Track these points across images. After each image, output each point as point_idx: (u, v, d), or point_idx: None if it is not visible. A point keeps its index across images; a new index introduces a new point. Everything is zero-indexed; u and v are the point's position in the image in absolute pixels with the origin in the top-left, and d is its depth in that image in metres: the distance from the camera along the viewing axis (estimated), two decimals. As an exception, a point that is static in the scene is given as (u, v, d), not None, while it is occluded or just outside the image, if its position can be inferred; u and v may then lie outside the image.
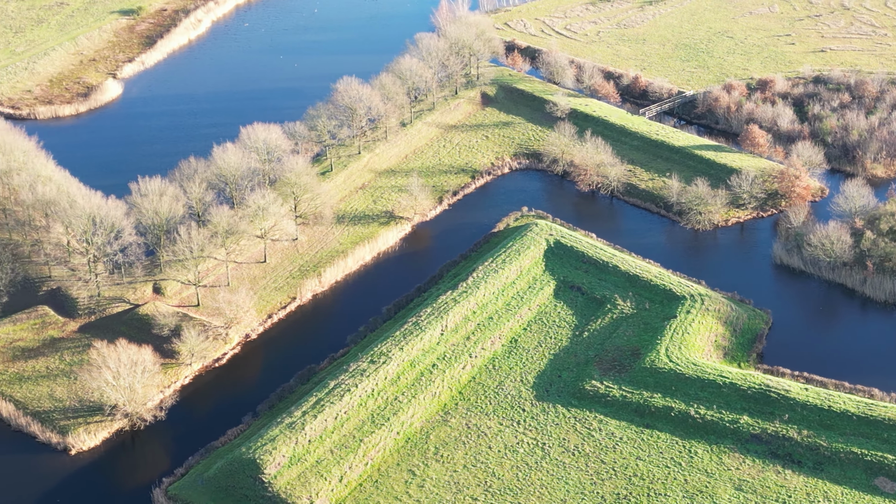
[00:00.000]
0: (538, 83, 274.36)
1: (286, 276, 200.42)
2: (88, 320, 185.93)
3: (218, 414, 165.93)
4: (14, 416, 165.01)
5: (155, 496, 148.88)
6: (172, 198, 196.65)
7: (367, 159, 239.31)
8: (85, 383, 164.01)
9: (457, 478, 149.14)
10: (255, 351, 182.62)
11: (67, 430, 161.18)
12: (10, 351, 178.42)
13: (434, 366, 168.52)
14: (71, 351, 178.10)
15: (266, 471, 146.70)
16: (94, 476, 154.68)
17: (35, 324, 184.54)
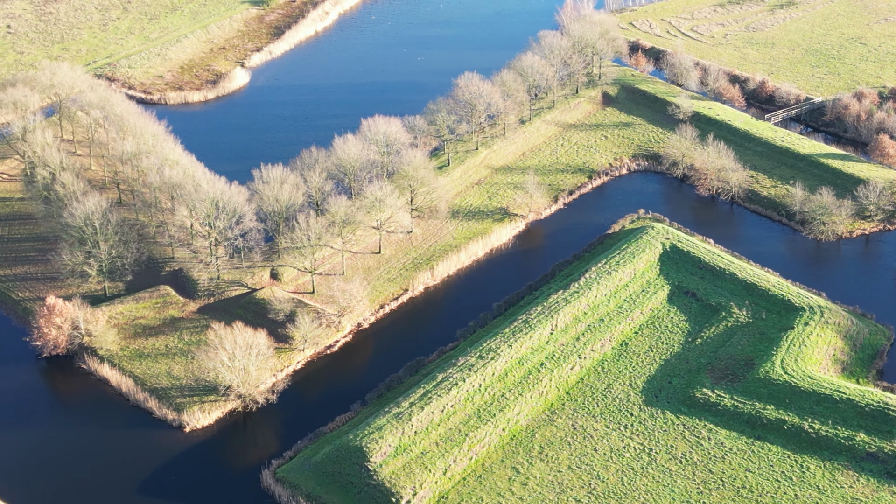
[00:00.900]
0: (661, 84, 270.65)
1: (399, 268, 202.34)
2: (207, 302, 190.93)
3: (327, 400, 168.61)
4: (133, 392, 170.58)
5: (263, 477, 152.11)
6: (293, 186, 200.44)
7: (485, 155, 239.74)
8: (201, 363, 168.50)
9: (561, 478, 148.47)
10: (366, 340, 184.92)
11: (183, 408, 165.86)
12: (131, 328, 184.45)
13: (542, 365, 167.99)
14: (189, 331, 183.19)
15: (372, 459, 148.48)
16: (206, 454, 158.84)
17: (157, 303, 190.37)
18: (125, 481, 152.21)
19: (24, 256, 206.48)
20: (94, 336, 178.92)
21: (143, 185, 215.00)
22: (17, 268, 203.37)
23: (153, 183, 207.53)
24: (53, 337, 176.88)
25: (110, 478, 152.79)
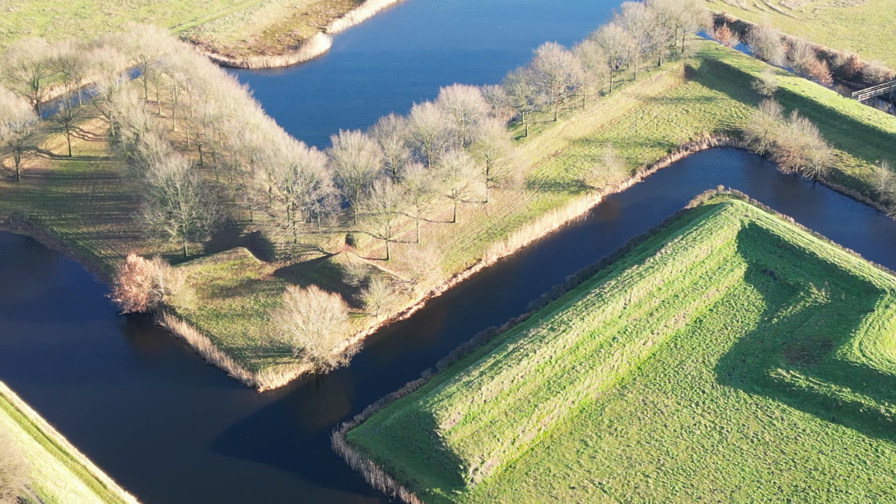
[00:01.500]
0: (745, 59, 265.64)
1: (473, 238, 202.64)
2: (283, 265, 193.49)
3: (398, 366, 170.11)
4: (209, 351, 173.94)
5: (334, 439, 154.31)
6: (370, 153, 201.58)
7: (563, 127, 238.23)
8: (276, 325, 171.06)
9: (629, 452, 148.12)
10: (438, 308, 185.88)
11: (257, 369, 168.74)
12: (209, 288, 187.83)
13: (614, 339, 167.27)
14: (265, 293, 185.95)
15: (441, 426, 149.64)
16: (278, 414, 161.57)
17: (234, 264, 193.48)
18: (200, 438, 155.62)
19: (108, 215, 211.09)
20: (172, 295, 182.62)
21: (223, 147, 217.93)
22: (100, 226, 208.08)
23: (234, 146, 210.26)
24: (134, 294, 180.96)
25: (185, 434, 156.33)
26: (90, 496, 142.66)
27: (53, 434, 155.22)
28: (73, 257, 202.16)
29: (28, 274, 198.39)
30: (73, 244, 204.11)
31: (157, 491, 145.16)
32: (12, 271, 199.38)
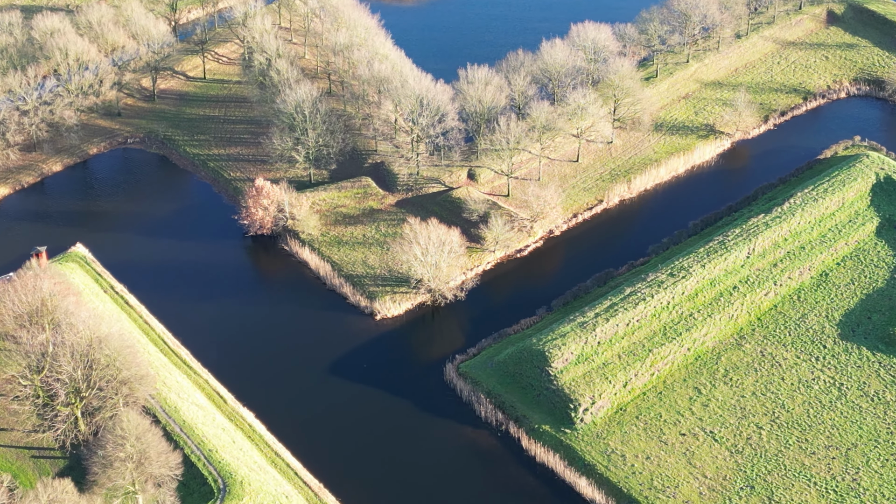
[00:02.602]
0: (893, 6, 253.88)
1: (596, 178, 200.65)
2: (405, 196, 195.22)
3: (513, 302, 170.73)
4: (329, 277, 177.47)
5: (447, 370, 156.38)
6: (496, 88, 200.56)
7: (695, 69, 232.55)
8: (396, 255, 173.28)
9: (743, 403, 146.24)
10: (556, 247, 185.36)
11: (375, 296, 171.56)
12: (333, 215, 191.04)
13: (735, 288, 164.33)
14: (386, 223, 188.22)
15: (553, 364, 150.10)
16: (394, 342, 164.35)
17: (357, 193, 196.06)
18: (317, 361, 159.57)
19: (238, 138, 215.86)
20: (297, 220, 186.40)
21: (352, 77, 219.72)
22: (230, 148, 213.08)
23: (362, 76, 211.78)
24: (260, 217, 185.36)
25: (303, 356, 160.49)
26: (210, 409, 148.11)
27: (178, 347, 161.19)
28: (204, 178, 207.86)
29: (160, 192, 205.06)
30: (204, 165, 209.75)
31: (273, 409, 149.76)
32: (146, 188, 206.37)
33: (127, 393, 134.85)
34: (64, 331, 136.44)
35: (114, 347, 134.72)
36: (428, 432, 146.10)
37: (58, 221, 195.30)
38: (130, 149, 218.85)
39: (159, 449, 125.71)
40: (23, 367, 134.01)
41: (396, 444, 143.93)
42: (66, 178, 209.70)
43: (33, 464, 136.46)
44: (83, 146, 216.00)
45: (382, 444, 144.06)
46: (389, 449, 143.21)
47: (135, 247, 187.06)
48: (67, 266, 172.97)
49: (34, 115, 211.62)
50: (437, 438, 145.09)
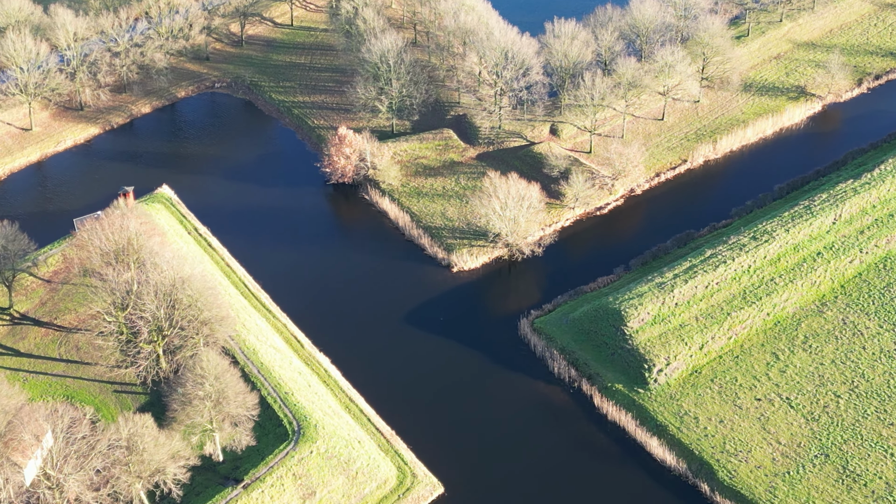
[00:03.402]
0: None
1: (681, 137, 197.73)
2: (486, 150, 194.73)
3: (591, 260, 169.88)
4: (408, 227, 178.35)
5: (521, 325, 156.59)
6: (583, 43, 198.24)
7: (788, 28, 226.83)
8: (474, 208, 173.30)
9: (822, 371, 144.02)
10: (637, 206, 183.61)
11: (452, 249, 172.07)
12: (413, 166, 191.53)
13: (819, 254, 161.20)
14: (466, 176, 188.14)
15: (629, 324, 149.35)
16: (470, 295, 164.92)
17: (439, 145, 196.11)
18: (393, 309, 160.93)
19: (322, 86, 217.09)
20: (378, 170, 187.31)
21: (438, 27, 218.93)
22: (314, 96, 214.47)
23: (448, 27, 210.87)
24: (342, 166, 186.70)
25: (379, 304, 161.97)
26: (287, 353, 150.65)
27: (258, 291, 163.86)
28: (288, 125, 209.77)
29: (245, 137, 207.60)
30: (288, 112, 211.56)
31: (349, 355, 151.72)
32: (231, 133, 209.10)
33: (207, 333, 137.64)
34: (148, 270, 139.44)
35: (196, 288, 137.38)
36: (500, 386, 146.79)
37: (145, 162, 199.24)
38: (217, 93, 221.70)
39: (237, 389, 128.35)
40: (108, 303, 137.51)
41: (468, 397, 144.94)
42: (154, 120, 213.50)
43: (115, 398, 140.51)
44: (171, 89, 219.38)
45: (454, 395, 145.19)
46: (461, 401, 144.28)
47: (218, 190, 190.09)
48: (153, 206, 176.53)
49: (125, 57, 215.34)
50: (508, 392, 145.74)
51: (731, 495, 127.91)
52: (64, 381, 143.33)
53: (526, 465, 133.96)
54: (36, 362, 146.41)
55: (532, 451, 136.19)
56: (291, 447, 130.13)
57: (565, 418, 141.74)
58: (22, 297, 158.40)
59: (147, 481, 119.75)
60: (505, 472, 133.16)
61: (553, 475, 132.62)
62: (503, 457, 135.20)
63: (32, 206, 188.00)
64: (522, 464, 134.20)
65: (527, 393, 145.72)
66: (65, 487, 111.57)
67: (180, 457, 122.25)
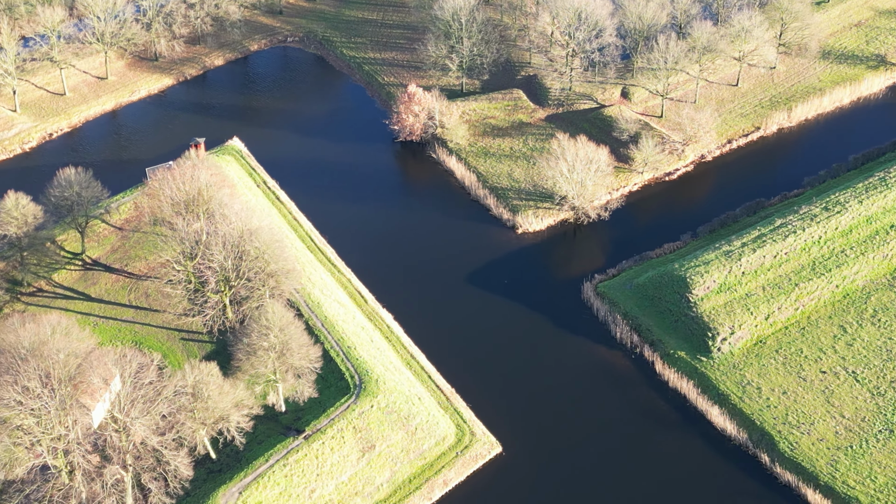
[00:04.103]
0: None
1: (755, 104, 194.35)
2: (555, 111, 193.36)
3: (657, 226, 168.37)
4: (474, 187, 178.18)
5: (585, 289, 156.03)
6: (658, 5, 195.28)
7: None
8: (541, 170, 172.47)
9: (891, 346, 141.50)
10: (706, 173, 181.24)
11: (518, 210, 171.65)
12: (482, 126, 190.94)
13: (892, 227, 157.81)
14: (535, 137, 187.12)
15: (694, 291, 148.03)
16: (534, 257, 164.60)
17: (508, 105, 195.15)
18: (456, 269, 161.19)
19: (394, 43, 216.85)
20: (446, 128, 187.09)
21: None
22: (385, 53, 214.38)
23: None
24: (410, 124, 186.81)
25: (443, 263, 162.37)
26: (351, 308, 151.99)
27: (324, 245, 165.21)
28: (358, 81, 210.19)
29: (315, 92, 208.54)
30: (359, 68, 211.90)
31: (411, 312, 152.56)
32: (302, 87, 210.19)
33: (273, 285, 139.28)
34: (217, 221, 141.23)
35: (263, 240, 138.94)
36: (561, 348, 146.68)
37: (217, 114, 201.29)
38: (289, 47, 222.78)
39: (301, 342, 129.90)
40: (177, 252, 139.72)
41: (529, 358, 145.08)
42: (226, 73, 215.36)
43: (182, 346, 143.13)
44: (244, 42, 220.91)
45: (515, 356, 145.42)
46: (522, 362, 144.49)
47: (288, 144, 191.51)
48: (223, 158, 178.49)
49: (200, 9, 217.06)
50: (569, 355, 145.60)
51: (791, 467, 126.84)
52: (133, 326, 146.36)
53: (584, 429, 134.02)
54: (106, 308, 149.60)
55: (591, 415, 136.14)
56: (352, 401, 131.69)
57: (626, 384, 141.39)
58: (94, 243, 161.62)
59: (211, 428, 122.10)
60: (563, 434, 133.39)
61: (611, 440, 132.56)
62: (562, 419, 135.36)
63: (106, 154, 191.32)
64: (581, 427, 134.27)
65: (588, 357, 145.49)
66: (131, 431, 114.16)
67: (244, 406, 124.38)
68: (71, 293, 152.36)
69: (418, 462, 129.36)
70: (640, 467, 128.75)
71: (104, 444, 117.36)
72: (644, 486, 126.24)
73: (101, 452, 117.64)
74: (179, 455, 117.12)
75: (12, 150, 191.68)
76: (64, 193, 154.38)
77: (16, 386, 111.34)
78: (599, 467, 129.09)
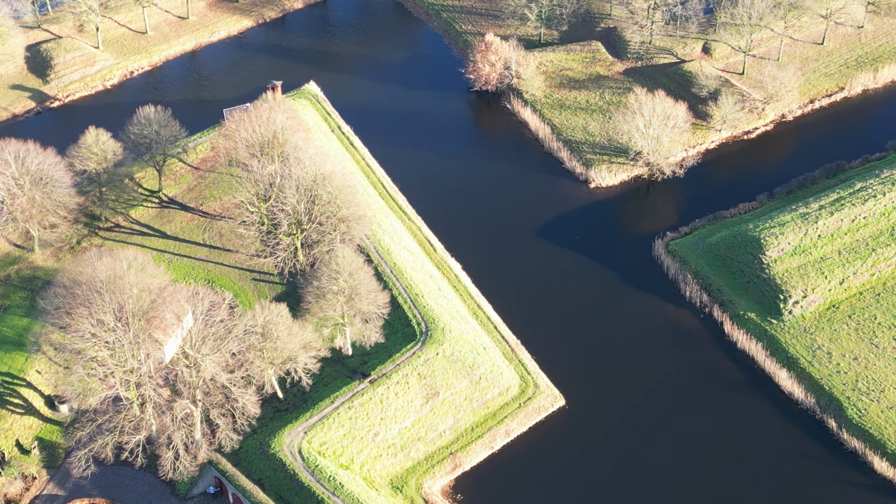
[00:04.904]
0: None
1: (839, 64, 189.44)
2: (634, 65, 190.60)
3: (733, 185, 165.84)
4: (548, 139, 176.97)
5: (656, 246, 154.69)
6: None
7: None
8: (617, 124, 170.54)
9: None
10: (787, 133, 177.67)
11: (591, 164, 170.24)
12: (558, 78, 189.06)
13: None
14: (612, 91, 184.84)
15: (767, 253, 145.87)
16: (605, 212, 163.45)
17: (585, 57, 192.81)
18: (526, 220, 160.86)
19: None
20: (522, 79, 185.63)
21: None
22: (464, 0, 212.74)
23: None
24: (486, 73, 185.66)
25: (513, 214, 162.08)
26: (420, 256, 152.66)
27: (395, 192, 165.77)
28: (436, 28, 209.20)
29: (393, 38, 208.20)
30: (437, 15, 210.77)
31: (479, 262, 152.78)
32: (379, 33, 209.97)
33: (344, 230, 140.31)
34: (291, 164, 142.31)
35: (336, 185, 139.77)
36: (629, 305, 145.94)
37: (294, 57, 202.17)
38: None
39: (369, 287, 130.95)
40: (251, 194, 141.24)
41: (596, 313, 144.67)
42: (305, 16, 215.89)
43: (253, 286, 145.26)
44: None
45: (582, 310, 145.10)
46: (588, 316, 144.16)
47: (364, 89, 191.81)
48: (299, 102, 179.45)
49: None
50: (637, 312, 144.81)
51: (858, 434, 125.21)
52: (206, 265, 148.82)
53: (649, 387, 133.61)
54: (180, 245, 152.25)
55: (656, 373, 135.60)
56: (418, 348, 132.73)
57: (693, 343, 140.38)
58: (171, 181, 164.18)
59: (279, 368, 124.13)
60: (627, 391, 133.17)
61: (675, 398, 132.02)
62: (626, 376, 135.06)
63: (185, 94, 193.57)
64: (645, 384, 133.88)
65: (656, 314, 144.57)
66: (201, 367, 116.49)
67: (311, 347, 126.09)
68: (147, 230, 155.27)
69: (481, 411, 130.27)
70: (703, 428, 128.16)
71: (175, 378, 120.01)
72: (707, 447, 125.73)
73: (171, 387, 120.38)
74: (247, 393, 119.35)
75: (94, 87, 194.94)
76: (143, 131, 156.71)
77: (91, 319, 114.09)
78: (662, 426, 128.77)
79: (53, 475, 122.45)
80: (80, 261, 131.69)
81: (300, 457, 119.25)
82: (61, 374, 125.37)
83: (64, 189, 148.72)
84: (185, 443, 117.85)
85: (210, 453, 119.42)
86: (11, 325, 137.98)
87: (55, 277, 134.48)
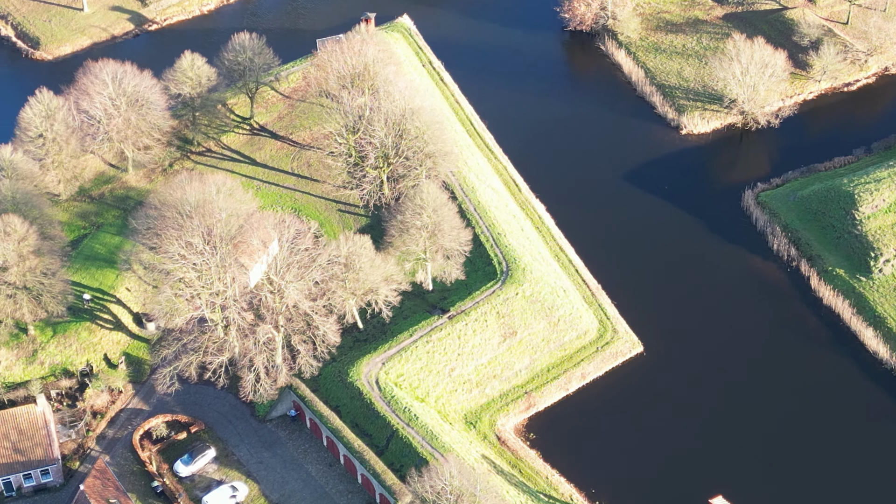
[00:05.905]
0: None
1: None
2: (734, 10, 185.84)
3: (830, 138, 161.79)
4: (641, 83, 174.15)
5: (745, 197, 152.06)
6: None
7: None
8: (713, 71, 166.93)
9: None
10: (889, 86, 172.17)
11: (684, 110, 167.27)
12: (655, 20, 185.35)
13: None
14: (709, 36, 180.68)
15: (861, 209, 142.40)
16: (695, 160, 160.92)
17: (685, 1, 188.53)
18: (614, 165, 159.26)
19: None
20: (618, 20, 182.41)
21: None
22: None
23: None
24: (581, 13, 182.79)
25: (601, 158, 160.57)
26: (504, 195, 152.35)
27: (483, 131, 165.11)
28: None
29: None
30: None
31: (564, 205, 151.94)
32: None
33: (430, 166, 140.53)
34: (381, 97, 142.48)
35: (424, 121, 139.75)
36: (714, 255, 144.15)
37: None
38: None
39: (452, 224, 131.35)
40: (340, 125, 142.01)
41: (679, 261, 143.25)
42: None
43: (338, 217, 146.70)
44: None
45: (666, 258, 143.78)
46: (672, 264, 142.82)
47: (456, 25, 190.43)
48: (392, 35, 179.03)
49: None
50: (722, 263, 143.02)
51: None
52: (293, 194, 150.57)
53: (730, 338, 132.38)
54: (269, 173, 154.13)
55: (739, 325, 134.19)
56: (498, 286, 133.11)
57: (778, 297, 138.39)
58: (262, 109, 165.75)
59: (360, 299, 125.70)
60: (708, 341, 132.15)
61: (757, 352, 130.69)
62: (708, 326, 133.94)
63: (280, 23, 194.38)
64: (726, 336, 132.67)
65: (741, 266, 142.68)
66: (285, 294, 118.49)
67: (393, 280, 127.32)
68: (237, 156, 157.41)
69: (558, 353, 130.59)
70: (784, 382, 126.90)
71: (259, 303, 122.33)
72: (786, 402, 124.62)
73: (255, 311, 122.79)
74: (329, 321, 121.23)
75: (191, 12, 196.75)
76: (237, 58, 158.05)
77: (180, 241, 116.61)
78: (742, 378, 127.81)
79: (138, 390, 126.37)
80: (171, 184, 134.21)
81: (377, 387, 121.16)
82: (150, 292, 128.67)
83: (158, 112, 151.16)
84: (266, 366, 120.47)
85: (290, 378, 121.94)
86: (104, 243, 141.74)
87: (147, 198, 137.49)
